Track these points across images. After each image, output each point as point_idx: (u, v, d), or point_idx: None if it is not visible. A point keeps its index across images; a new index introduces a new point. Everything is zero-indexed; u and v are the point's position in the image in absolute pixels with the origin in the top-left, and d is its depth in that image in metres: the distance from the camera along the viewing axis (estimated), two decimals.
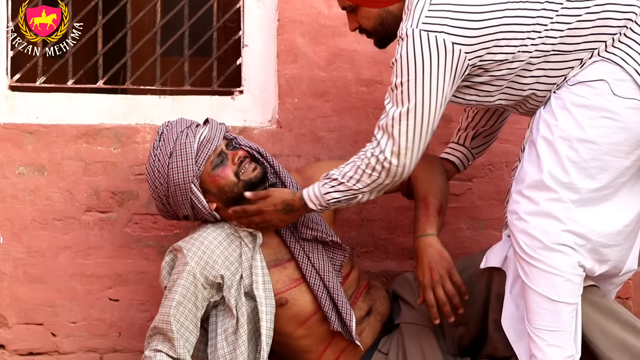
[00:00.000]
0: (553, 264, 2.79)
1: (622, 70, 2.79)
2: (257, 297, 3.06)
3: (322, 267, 3.14)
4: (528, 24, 2.85)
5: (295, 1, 3.63)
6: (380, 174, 2.92)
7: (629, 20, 2.80)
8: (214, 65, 3.76)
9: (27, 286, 3.50)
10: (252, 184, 3.09)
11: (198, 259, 3.06)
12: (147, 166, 3.18)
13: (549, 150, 2.83)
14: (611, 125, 2.79)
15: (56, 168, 3.52)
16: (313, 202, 3.04)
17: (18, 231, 3.49)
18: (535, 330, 2.85)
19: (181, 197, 3.09)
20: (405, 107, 2.86)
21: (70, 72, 3.70)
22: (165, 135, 3.13)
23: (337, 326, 3.08)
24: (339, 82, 3.64)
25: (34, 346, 3.51)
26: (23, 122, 3.55)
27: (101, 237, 3.53)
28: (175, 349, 3.01)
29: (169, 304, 3.04)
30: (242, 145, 3.22)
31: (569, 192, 2.79)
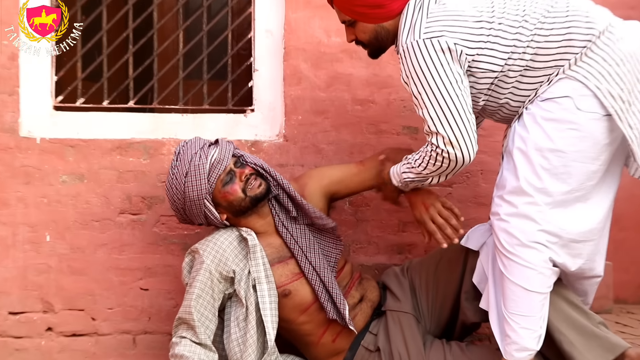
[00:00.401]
0: (528, 258, 2.89)
1: (584, 87, 2.85)
2: (259, 290, 3.17)
3: (318, 263, 3.25)
4: (510, 39, 2.93)
5: (299, 32, 3.72)
6: (443, 163, 2.99)
7: (589, 42, 2.85)
8: (229, 87, 3.86)
9: (70, 277, 3.62)
10: (257, 199, 3.21)
11: (212, 257, 3.18)
12: (166, 182, 3.26)
13: (524, 159, 2.89)
14: (576, 136, 2.85)
15: (94, 176, 3.64)
16: (395, 178, 3.19)
17: (62, 231, 3.61)
18: (511, 314, 2.93)
19: (196, 210, 3.21)
20: (434, 106, 2.94)
21: (105, 94, 3.80)
22: (181, 155, 3.20)
23: (332, 314, 3.20)
24: (337, 101, 3.74)
25: (77, 329, 3.64)
26: (65, 137, 3.65)
27: (133, 236, 3.66)
28: (198, 335, 3.13)
29: (190, 297, 3.16)
30: (249, 163, 3.29)
31: (543, 196, 2.86)
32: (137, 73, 3.85)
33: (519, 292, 2.92)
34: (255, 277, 3.19)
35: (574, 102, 2.86)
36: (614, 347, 2.97)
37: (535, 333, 2.94)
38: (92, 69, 3.83)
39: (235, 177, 3.19)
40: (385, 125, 3.77)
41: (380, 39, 3.14)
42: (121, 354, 3.66)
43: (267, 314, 3.16)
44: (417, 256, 3.75)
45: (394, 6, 3.03)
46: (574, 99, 2.86)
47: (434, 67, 2.92)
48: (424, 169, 3.04)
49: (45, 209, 3.61)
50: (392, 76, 3.74)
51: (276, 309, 3.21)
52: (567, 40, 2.87)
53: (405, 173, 3.13)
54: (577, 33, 2.88)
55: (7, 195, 3.59)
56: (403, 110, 3.76)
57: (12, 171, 3.60)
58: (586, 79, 2.85)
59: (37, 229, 3.61)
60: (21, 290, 3.60)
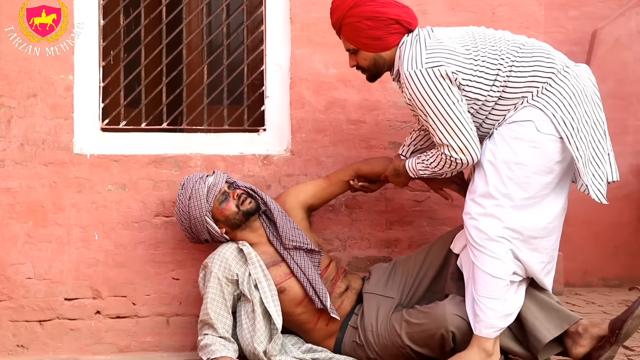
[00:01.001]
0: (494, 250, 3.08)
1: (543, 113, 3.08)
2: (261, 288, 3.33)
3: (303, 265, 3.42)
4: (492, 73, 3.11)
5: (303, 65, 3.83)
6: (457, 166, 3.17)
7: (549, 78, 3.10)
8: (245, 111, 3.95)
9: (114, 269, 3.74)
10: (248, 213, 3.41)
11: (218, 266, 3.37)
12: (175, 209, 3.49)
13: (493, 170, 3.10)
14: (536, 153, 3.08)
15: (134, 185, 3.76)
16: (410, 171, 3.35)
17: (108, 231, 3.74)
18: (480, 297, 3.11)
19: (200, 227, 3.42)
20: (442, 123, 3.08)
21: (143, 117, 3.91)
22: (185, 185, 3.46)
23: (319, 304, 3.38)
24: (334, 122, 3.85)
25: (120, 312, 3.76)
26: (110, 154, 3.77)
27: (166, 234, 3.77)
28: (217, 330, 3.33)
29: (206, 302, 3.36)
30: (240, 187, 3.50)
31: (507, 200, 3.07)
32: (169, 100, 3.93)
33: (486, 278, 3.10)
34: (255, 277, 3.36)
35: (535, 125, 3.08)
36: (569, 318, 3.20)
37: (500, 313, 3.10)
38: (132, 97, 3.91)
39: (229, 197, 3.42)
40: (374, 142, 3.87)
41: (378, 66, 3.26)
42: (157, 332, 3.77)
43: (270, 305, 3.32)
44: (402, 249, 3.86)
45: (391, 39, 3.18)
46: (535, 122, 3.08)
47: (437, 91, 3.06)
48: (440, 169, 3.23)
49: (94, 212, 3.73)
50: (380, 100, 3.85)
51: (278, 300, 3.36)
52: (532, 75, 3.10)
53: (421, 170, 3.30)
54: (541, 70, 3.11)
55: (63, 201, 3.70)
56: (389, 128, 3.86)
57: (67, 182, 3.71)
58: (545, 108, 3.08)
59: (88, 229, 3.73)
60: (74, 280, 3.71)
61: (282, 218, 3.47)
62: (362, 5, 3.18)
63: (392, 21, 3.18)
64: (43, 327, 3.73)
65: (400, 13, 3.20)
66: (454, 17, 3.90)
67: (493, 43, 3.16)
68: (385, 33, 3.19)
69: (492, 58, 3.12)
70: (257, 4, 3.99)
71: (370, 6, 3.18)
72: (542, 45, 3.21)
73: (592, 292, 5.73)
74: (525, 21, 3.95)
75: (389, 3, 3.22)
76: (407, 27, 3.20)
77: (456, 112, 3.09)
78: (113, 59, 3.91)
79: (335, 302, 3.46)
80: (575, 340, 3.21)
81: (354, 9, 3.19)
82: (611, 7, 6.43)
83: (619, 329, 3.09)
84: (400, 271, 3.50)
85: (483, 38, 3.17)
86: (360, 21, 3.18)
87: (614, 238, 6.01)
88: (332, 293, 3.46)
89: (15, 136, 3.71)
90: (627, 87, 6.08)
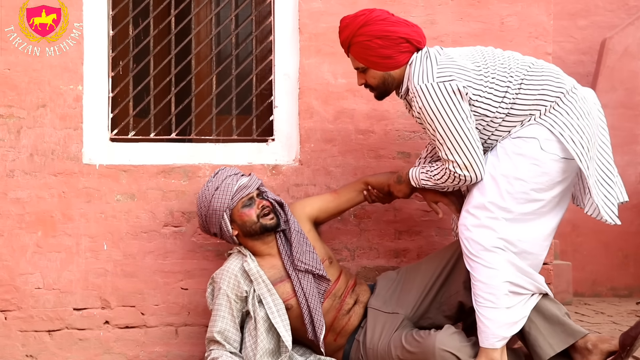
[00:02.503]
0: (489, 260, 3.08)
1: (550, 132, 3.10)
2: (266, 303, 3.32)
3: (309, 291, 3.37)
4: (502, 90, 3.12)
5: (311, 75, 3.83)
6: (459, 182, 3.14)
7: (557, 97, 3.11)
8: (253, 121, 3.95)
9: (123, 279, 3.74)
10: (266, 228, 3.38)
11: (227, 283, 3.36)
12: (199, 191, 3.45)
13: (492, 182, 3.12)
14: (537, 170, 3.10)
15: (143, 195, 3.77)
16: (413, 180, 3.32)
17: (117, 240, 3.75)
18: (478, 307, 3.12)
19: (215, 220, 3.39)
20: (449, 138, 3.06)
21: (152, 127, 3.90)
22: (218, 175, 3.42)
23: (311, 336, 3.35)
24: (343, 132, 3.84)
25: (129, 322, 3.75)
26: (119, 164, 3.78)
27: (175, 244, 3.78)
28: (225, 347, 3.32)
29: (214, 319, 3.34)
30: (269, 198, 3.45)
31: (504, 212, 3.08)
32: (178, 110, 3.94)
33: (483, 287, 3.10)
34: (259, 293, 3.33)
35: (539, 143, 3.10)
36: (575, 333, 3.16)
37: (501, 322, 3.09)
38: (141, 107, 3.92)
39: (254, 204, 3.39)
40: (383, 151, 3.86)
41: (387, 84, 3.26)
42: (166, 342, 3.77)
43: (277, 321, 3.31)
44: (410, 259, 3.85)
45: (401, 58, 3.18)
46: (540, 140, 3.10)
47: (447, 106, 3.05)
48: (443, 183, 3.20)
49: (103, 222, 3.74)
50: (388, 110, 3.84)
51: (285, 315, 3.34)
52: (541, 94, 3.12)
53: (423, 180, 3.27)
54: (550, 89, 3.13)
55: (72, 211, 3.71)
56: (398, 138, 3.86)
57: (76, 192, 3.72)
58: (552, 127, 3.10)
59: (96, 239, 3.74)
60: (83, 290, 3.72)
61: (299, 239, 3.43)
62: (372, 24, 3.18)
63: (402, 40, 3.18)
64: (52, 337, 3.73)
65: (410, 32, 3.20)
66: (462, 27, 3.90)
67: (502, 61, 3.18)
68: (395, 52, 3.19)
69: (502, 75, 3.13)
70: (266, 14, 4.00)
71: (381, 25, 3.18)
72: (552, 66, 3.23)
73: (602, 302, 5.70)
74: (534, 31, 3.94)
75: (399, 22, 3.22)
76: (416, 46, 3.20)
77: (464, 129, 3.08)
78: (122, 69, 3.92)
79: (342, 319, 3.45)
80: (584, 355, 3.18)
81: (364, 27, 3.18)
82: (620, 16, 6.44)
83: (630, 345, 3.08)
84: (409, 282, 3.47)
85: (492, 56, 3.19)
86: (371, 40, 3.18)
87: (624, 247, 6.01)
88: (340, 310, 3.45)
89: (25, 146, 3.73)
90: (637, 96, 6.09)
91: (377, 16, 3.20)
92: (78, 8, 3.77)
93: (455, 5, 3.92)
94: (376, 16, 3.20)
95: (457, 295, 3.34)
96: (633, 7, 6.50)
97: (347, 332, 3.46)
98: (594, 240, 5.80)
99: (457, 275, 3.35)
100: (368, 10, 3.24)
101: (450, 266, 3.38)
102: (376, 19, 3.19)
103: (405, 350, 3.25)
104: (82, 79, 3.78)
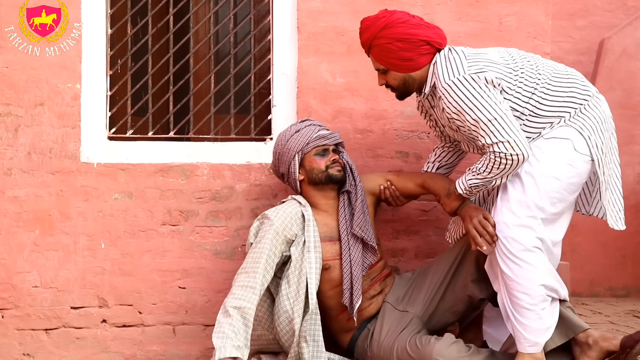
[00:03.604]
0: (530, 260, 3.07)
1: (579, 135, 3.13)
2: (307, 258, 3.30)
3: (355, 258, 3.38)
4: (530, 86, 3.14)
5: (309, 74, 3.83)
6: (507, 165, 3.05)
7: (585, 101, 3.16)
8: (251, 120, 3.95)
9: (121, 278, 3.74)
10: (332, 179, 3.40)
11: (281, 222, 3.34)
12: (282, 131, 3.50)
13: (531, 180, 3.11)
14: (572, 171, 3.14)
15: (141, 194, 3.76)
16: (461, 187, 3.24)
17: (114, 239, 3.74)
18: (515, 307, 3.09)
19: (285, 159, 3.43)
20: (493, 122, 3.03)
21: (150, 126, 3.91)
22: (304, 122, 3.47)
23: (346, 301, 3.35)
24: (341, 131, 3.78)
25: (126, 320, 3.75)
26: (117, 162, 3.77)
27: (172, 243, 3.77)
28: (254, 280, 3.19)
29: (258, 249, 3.25)
30: (344, 159, 3.49)
31: (540, 212, 3.10)
32: (176, 109, 3.94)
33: (520, 288, 3.08)
34: (307, 245, 3.33)
35: (573, 144, 3.13)
36: (575, 327, 3.19)
37: (534, 327, 3.08)
38: (139, 106, 3.92)
39: (327, 155, 3.43)
40: (381, 151, 3.86)
41: (407, 85, 3.27)
42: (163, 341, 3.76)
43: (312, 278, 3.31)
44: (408, 258, 3.86)
45: (422, 60, 3.20)
46: (573, 142, 3.13)
47: (484, 93, 3.06)
48: (489, 173, 3.11)
49: (101, 221, 3.73)
50: (387, 110, 3.85)
51: (319, 275, 3.34)
52: (569, 96, 3.16)
53: (470, 180, 3.19)
54: (577, 92, 3.17)
55: (70, 210, 3.70)
56: (396, 138, 3.85)
57: (74, 190, 3.72)
58: (581, 129, 3.14)
59: (94, 238, 3.74)
60: (81, 289, 3.72)
61: (362, 207, 3.45)
62: (393, 27, 3.19)
63: (422, 42, 3.19)
64: (49, 335, 3.73)
65: (431, 34, 3.21)
66: (461, 26, 3.90)
67: (529, 59, 3.22)
68: (415, 54, 3.20)
69: (530, 72, 3.16)
70: (264, 14, 4.00)
71: (402, 28, 3.19)
72: (575, 71, 3.26)
73: (599, 302, 5.71)
74: (532, 31, 3.94)
75: (419, 25, 3.23)
76: (437, 47, 3.22)
77: (504, 109, 3.08)
78: (120, 68, 3.92)
79: (365, 302, 3.45)
80: (584, 350, 3.20)
81: (384, 30, 3.19)
82: (618, 16, 6.44)
83: (630, 347, 3.08)
84: (420, 282, 3.48)
85: (519, 54, 3.23)
86: (392, 42, 3.19)
87: (622, 247, 6.00)
88: (366, 293, 3.45)
89: (23, 145, 3.73)
90: (635, 97, 6.08)
91: (398, 19, 3.21)
92: (76, 7, 3.77)
93: (454, 5, 3.92)
94: (397, 19, 3.21)
95: (465, 289, 3.35)
96: (631, 7, 6.49)
97: (363, 316, 3.48)
98: (592, 241, 5.81)
99: (464, 271, 3.36)
100: (389, 12, 3.25)
101: (457, 263, 3.38)
102: (397, 22, 3.20)
103: (406, 353, 3.27)
104: (80, 77, 3.78)
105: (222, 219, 3.81)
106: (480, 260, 3.30)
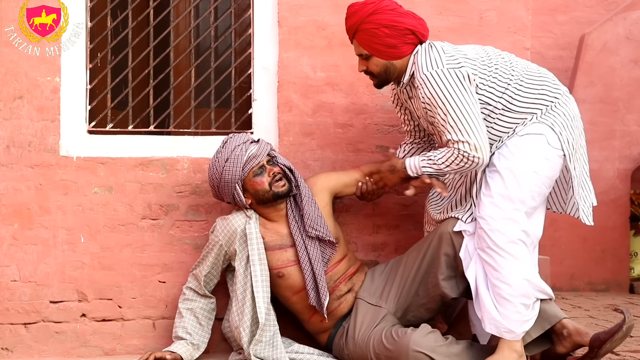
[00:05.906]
0: (515, 252, 3.13)
1: (551, 130, 3.20)
2: (253, 271, 3.37)
3: (314, 256, 3.41)
4: (504, 82, 3.22)
5: (290, 68, 3.83)
6: (466, 164, 3.16)
7: (555, 98, 3.24)
8: (232, 114, 3.95)
9: (100, 272, 3.73)
10: (278, 196, 3.43)
11: (224, 235, 3.45)
12: (210, 162, 3.48)
13: (511, 175, 3.17)
14: (547, 165, 3.21)
15: (120, 188, 3.75)
16: (411, 169, 3.32)
17: (94, 233, 3.73)
18: (502, 299, 3.12)
19: (227, 190, 3.44)
20: (461, 120, 3.11)
21: (130, 120, 3.91)
22: (227, 145, 3.45)
23: (313, 301, 3.40)
24: (322, 125, 3.85)
25: (106, 315, 3.74)
26: (97, 156, 3.76)
27: (152, 237, 3.77)
28: (201, 287, 3.51)
29: (205, 258, 3.50)
30: (279, 164, 3.50)
31: (522, 205, 3.16)
32: (156, 103, 3.93)
33: (502, 279, 3.13)
34: (252, 259, 3.37)
35: (546, 139, 3.20)
36: (551, 318, 3.22)
37: (513, 319, 3.12)
38: (119, 99, 3.91)
39: (265, 172, 3.43)
40: (361, 145, 3.87)
41: (388, 72, 3.33)
42: (143, 336, 3.76)
43: (258, 291, 3.36)
44: (388, 253, 3.86)
45: (405, 49, 3.27)
46: (547, 137, 3.20)
47: (459, 89, 3.13)
48: (447, 167, 3.22)
49: (80, 215, 3.72)
50: (367, 104, 3.86)
51: (267, 287, 3.39)
52: (541, 93, 3.23)
53: (424, 167, 3.28)
54: (549, 90, 3.25)
55: (49, 204, 3.68)
56: (376, 132, 3.87)
57: (53, 184, 3.70)
58: (553, 125, 3.21)
59: (74, 232, 3.72)
60: (60, 283, 3.70)
61: (310, 205, 3.47)
62: (381, 13, 3.25)
63: (408, 31, 3.26)
64: (28, 330, 3.71)
65: (417, 24, 3.29)
66: (441, 21, 3.91)
67: (504, 56, 3.29)
68: (400, 42, 3.26)
69: (504, 68, 3.23)
70: (245, 7, 3.99)
71: (389, 15, 3.26)
72: (546, 70, 3.34)
73: (579, 296, 5.76)
74: (512, 26, 3.96)
75: (407, 13, 3.30)
76: (420, 39, 3.28)
77: (475, 112, 3.15)
78: (100, 61, 3.90)
79: (332, 303, 3.47)
80: (559, 339, 3.26)
81: (372, 15, 3.25)
82: (599, 12, 6.48)
83: (598, 347, 3.15)
84: (392, 275, 3.50)
85: (494, 52, 3.30)
86: (378, 28, 3.25)
87: (601, 242, 6.04)
88: (332, 294, 3.46)
89: (1, 138, 3.70)
90: (614, 92, 6.12)
91: (386, 6, 3.28)
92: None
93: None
94: (385, 5, 3.28)
95: (437, 288, 3.36)
96: (611, 3, 6.54)
97: (336, 316, 3.50)
98: (572, 235, 5.84)
99: (434, 268, 3.37)
100: None
101: (427, 260, 3.39)
102: (385, 9, 3.26)
103: (382, 346, 3.28)
104: (60, 70, 3.76)
105: (202, 213, 3.80)
106: (450, 255, 3.33)
